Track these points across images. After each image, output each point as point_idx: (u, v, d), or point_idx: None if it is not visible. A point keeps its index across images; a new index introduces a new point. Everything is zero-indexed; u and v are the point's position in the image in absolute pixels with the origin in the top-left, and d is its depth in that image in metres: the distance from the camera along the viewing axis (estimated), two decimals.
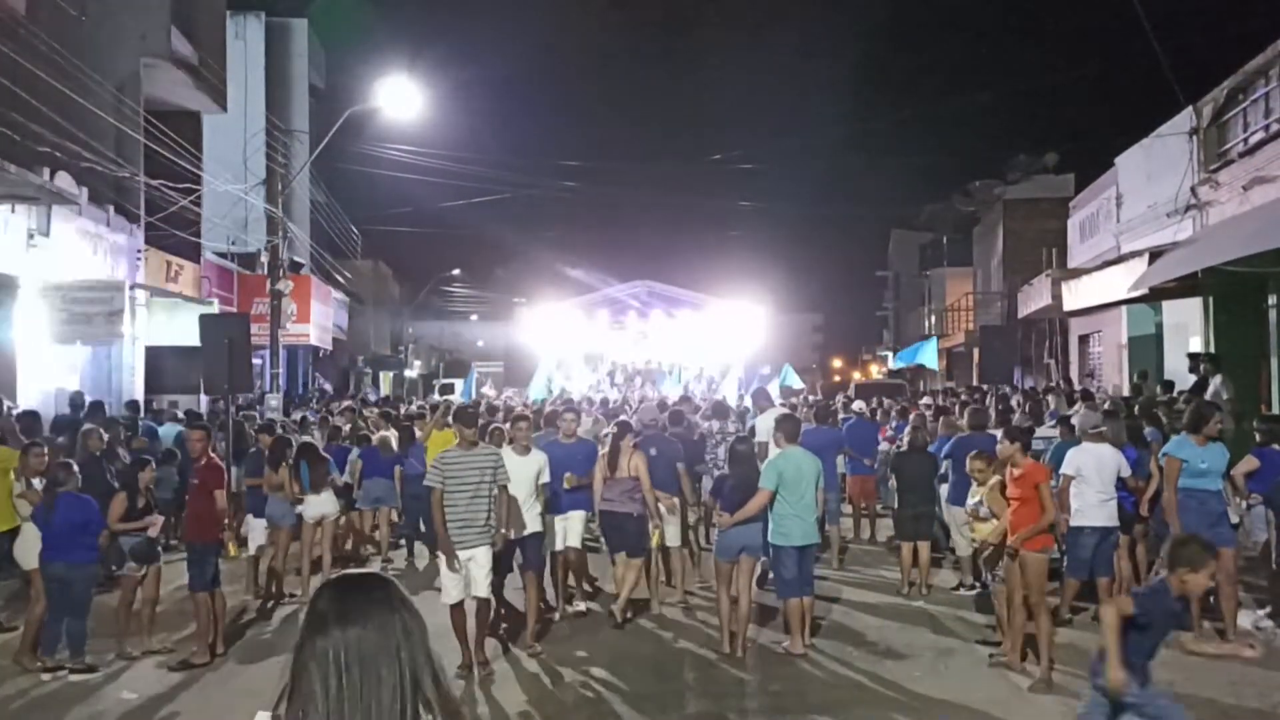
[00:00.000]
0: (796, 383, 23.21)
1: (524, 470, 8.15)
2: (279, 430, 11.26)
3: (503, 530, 7.65)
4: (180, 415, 14.79)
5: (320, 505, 10.03)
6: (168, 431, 13.39)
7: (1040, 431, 11.70)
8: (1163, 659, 7.36)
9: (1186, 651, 5.79)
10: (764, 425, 10.48)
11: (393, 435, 12.41)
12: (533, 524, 8.31)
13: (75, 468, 7.94)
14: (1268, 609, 8.34)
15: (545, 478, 8.42)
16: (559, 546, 9.15)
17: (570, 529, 9.16)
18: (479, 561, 7.47)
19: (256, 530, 10.00)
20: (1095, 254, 21.15)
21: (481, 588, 7.46)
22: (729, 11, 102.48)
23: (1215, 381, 12.85)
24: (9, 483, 8.85)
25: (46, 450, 8.95)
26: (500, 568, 8.06)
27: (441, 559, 7.57)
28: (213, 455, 8.14)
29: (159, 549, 8.28)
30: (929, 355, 24.63)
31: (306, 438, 11.19)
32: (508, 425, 9.59)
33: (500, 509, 7.63)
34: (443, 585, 7.55)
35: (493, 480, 7.55)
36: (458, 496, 7.42)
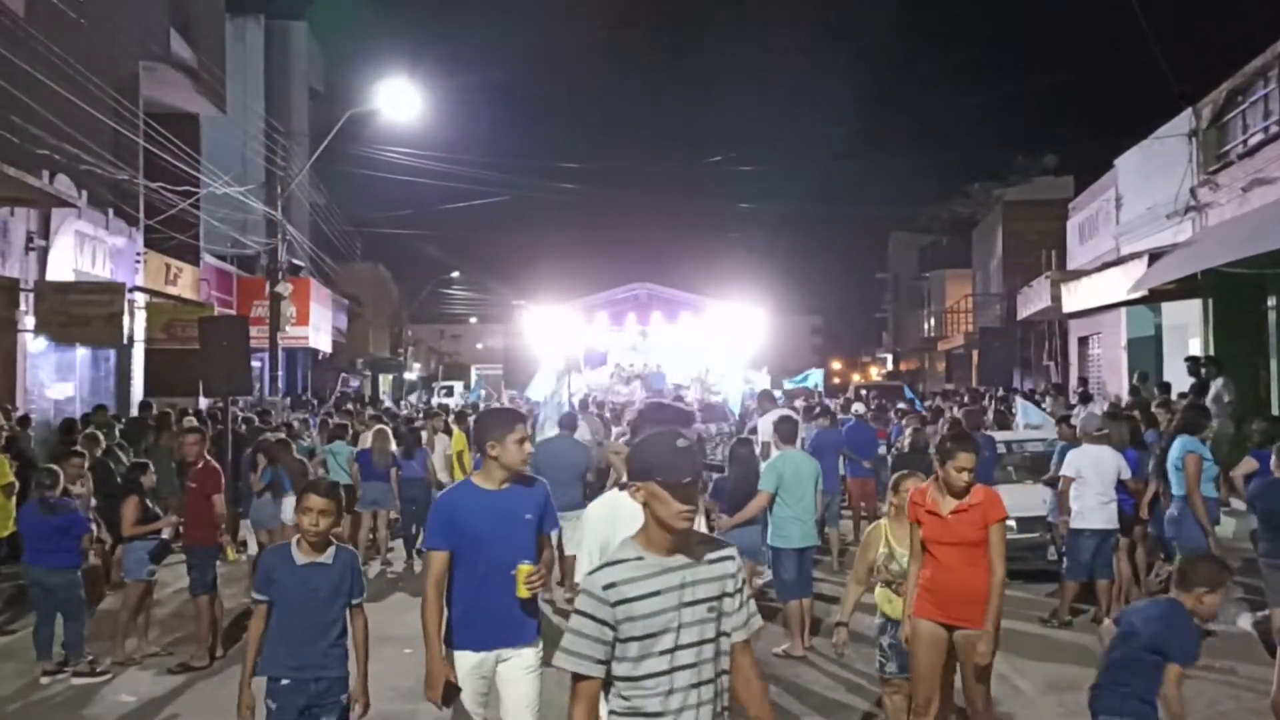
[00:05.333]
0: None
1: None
2: (270, 434, 11.29)
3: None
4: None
5: None
6: None
7: (1041, 433, 11.72)
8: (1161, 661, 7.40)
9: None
10: (765, 427, 10.50)
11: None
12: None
13: (60, 475, 7.88)
14: (1266, 610, 8.32)
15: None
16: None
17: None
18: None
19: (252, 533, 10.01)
20: (1094, 256, 21.15)
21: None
22: (729, 14, 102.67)
23: (1216, 384, 12.83)
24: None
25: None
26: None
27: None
28: (209, 459, 8.11)
29: (170, 548, 8.30)
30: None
31: (279, 436, 11.12)
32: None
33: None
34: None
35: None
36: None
